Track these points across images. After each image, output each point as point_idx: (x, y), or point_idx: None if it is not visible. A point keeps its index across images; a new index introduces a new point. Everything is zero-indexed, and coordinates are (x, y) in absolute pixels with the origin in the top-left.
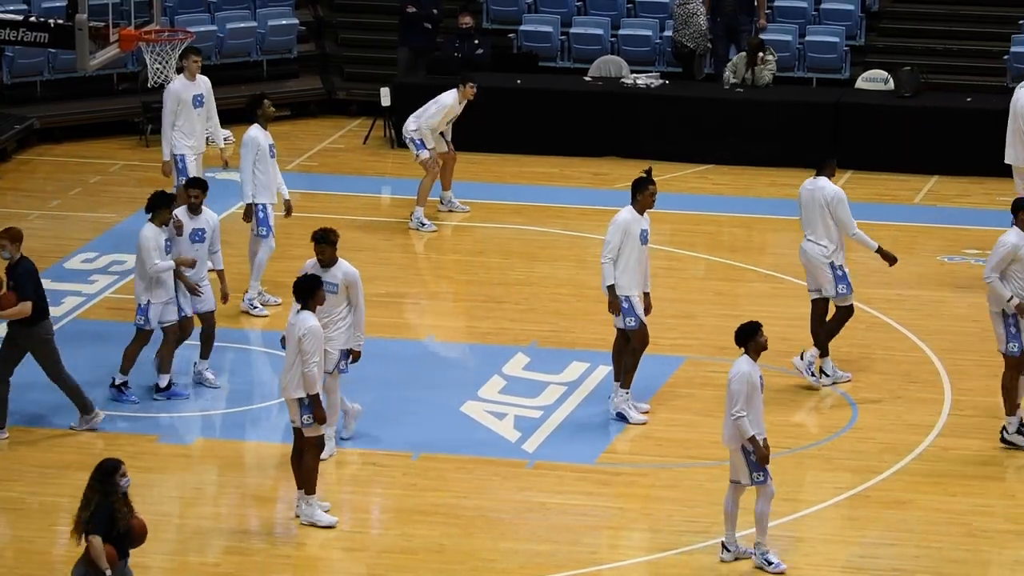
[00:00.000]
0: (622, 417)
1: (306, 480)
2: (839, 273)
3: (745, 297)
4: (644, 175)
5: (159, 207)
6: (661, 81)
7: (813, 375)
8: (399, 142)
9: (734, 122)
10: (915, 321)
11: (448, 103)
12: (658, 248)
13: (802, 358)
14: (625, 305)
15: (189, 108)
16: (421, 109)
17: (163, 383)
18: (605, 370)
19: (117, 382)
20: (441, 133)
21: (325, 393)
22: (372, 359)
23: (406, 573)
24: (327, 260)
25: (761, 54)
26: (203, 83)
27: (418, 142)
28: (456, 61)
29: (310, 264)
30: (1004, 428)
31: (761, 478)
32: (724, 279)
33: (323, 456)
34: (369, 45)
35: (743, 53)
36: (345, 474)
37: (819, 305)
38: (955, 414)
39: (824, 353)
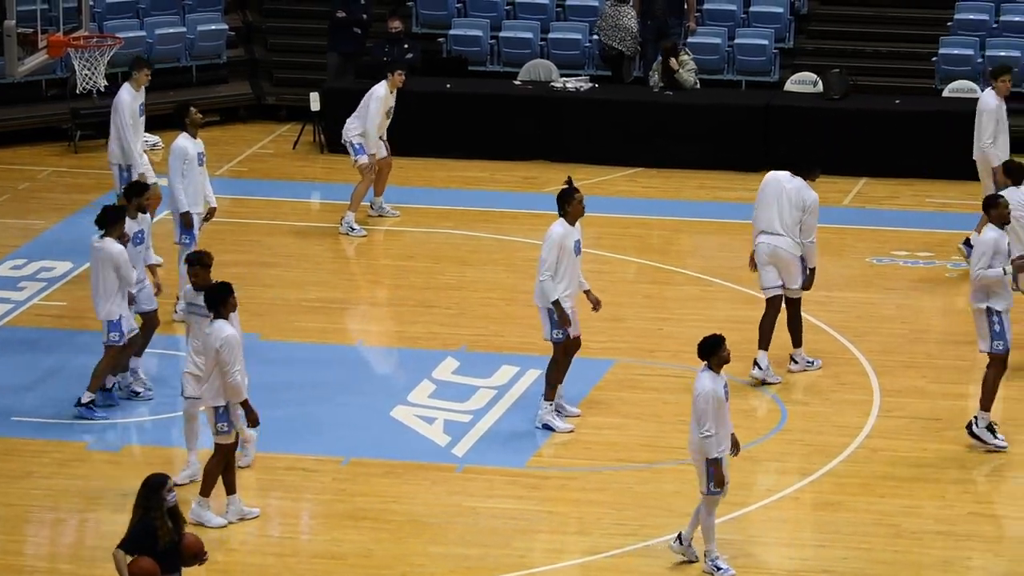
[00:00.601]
0: (548, 427)
1: (205, 483)
2: (802, 266)
3: (674, 300)
4: (567, 185)
5: (114, 222)
6: (590, 84)
7: (802, 362)
8: (329, 147)
9: (663, 125)
10: (844, 323)
11: (382, 94)
12: (587, 251)
13: (758, 366)
14: (556, 317)
15: (137, 117)
16: (359, 109)
17: (85, 399)
18: (535, 374)
19: (84, 400)
20: (381, 137)
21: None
22: (302, 364)
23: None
24: (200, 283)
25: (673, 58)
26: (143, 94)
27: (357, 146)
28: (386, 66)
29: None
30: (975, 420)
31: (716, 491)
32: (653, 282)
33: (242, 463)
34: (298, 50)
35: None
36: (274, 480)
37: (775, 303)
38: (884, 416)
39: (798, 344)
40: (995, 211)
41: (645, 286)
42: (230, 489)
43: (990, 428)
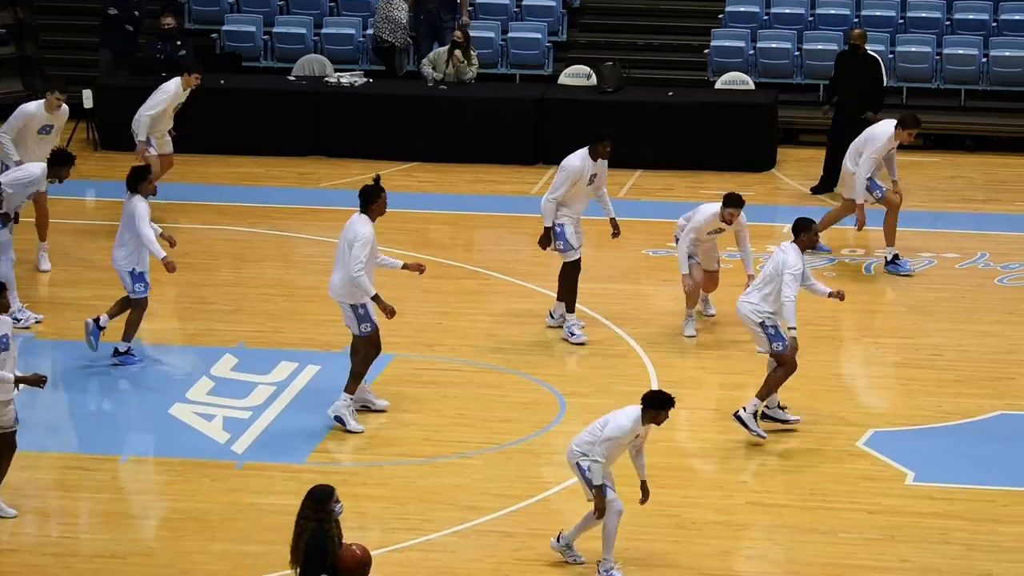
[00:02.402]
0: (340, 421)
1: None
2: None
3: (452, 294)
4: (373, 183)
5: (139, 181)
6: (365, 79)
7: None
8: (102, 144)
9: (438, 119)
10: (621, 314)
11: (171, 90)
12: None
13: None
14: (361, 311)
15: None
16: (147, 100)
17: (123, 348)
18: (314, 369)
19: (122, 350)
20: (169, 131)
21: None
22: (78, 362)
23: None
24: None
25: (459, 51)
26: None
27: (136, 132)
28: (158, 62)
29: None
30: (744, 407)
31: (595, 516)
32: (431, 276)
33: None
34: (70, 47)
35: (442, 49)
36: (52, 479)
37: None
38: None
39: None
40: (805, 235)
41: (423, 280)
42: None
43: (756, 417)
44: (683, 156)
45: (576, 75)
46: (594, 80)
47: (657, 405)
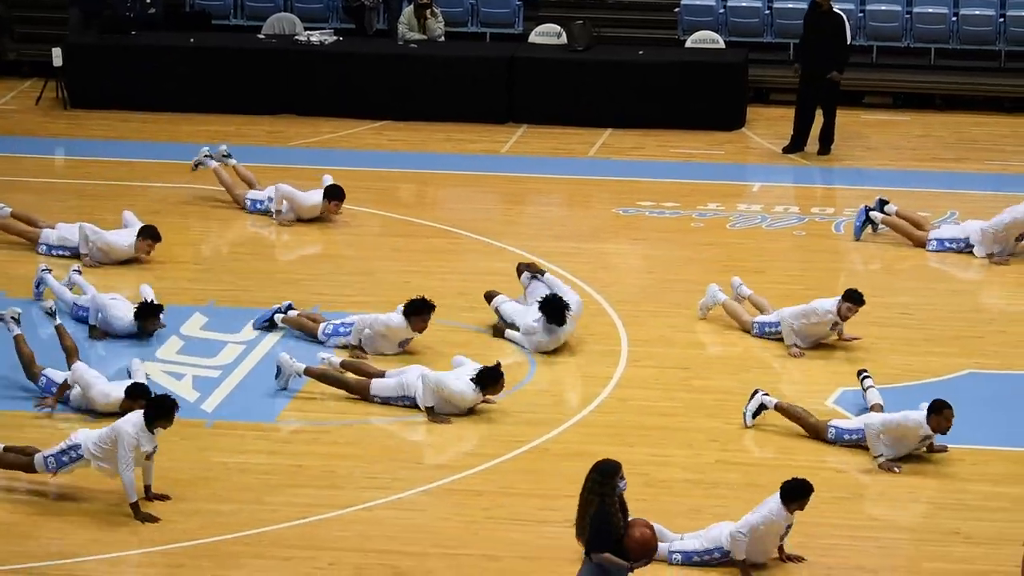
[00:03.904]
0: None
1: None
2: None
3: (423, 252)
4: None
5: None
6: (335, 38)
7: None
8: (72, 102)
9: (409, 78)
10: (591, 273)
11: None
12: None
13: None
14: None
15: None
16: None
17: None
18: (283, 328)
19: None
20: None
21: None
22: (47, 321)
23: (82, 537)
24: None
25: (429, 9)
26: None
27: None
28: (128, 21)
29: None
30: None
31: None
32: (401, 235)
33: None
34: (39, 5)
35: (409, 8)
36: (14, 437)
37: None
38: (632, 365)
39: None
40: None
41: (393, 239)
42: None
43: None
44: (653, 115)
45: (546, 34)
46: (564, 39)
47: (800, 496)
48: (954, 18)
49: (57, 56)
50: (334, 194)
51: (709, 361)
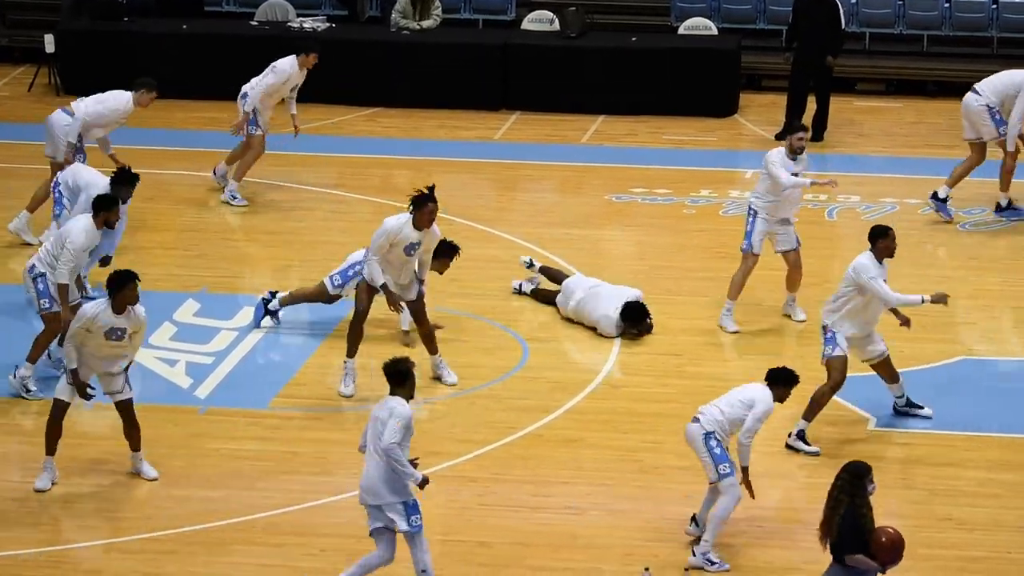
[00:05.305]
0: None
1: None
2: None
3: None
4: (427, 192)
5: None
6: (327, 24)
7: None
8: (64, 89)
9: (402, 64)
10: (584, 260)
11: (286, 70)
12: (327, 192)
13: None
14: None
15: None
16: (258, 77)
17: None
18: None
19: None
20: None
21: None
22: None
23: (73, 523)
24: None
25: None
26: None
27: (252, 119)
28: (120, 7)
29: None
30: (791, 433)
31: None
32: None
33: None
34: None
35: None
36: (11, 424)
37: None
38: (625, 352)
39: None
40: (883, 242)
41: None
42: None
43: (802, 437)
44: (646, 101)
45: (539, 20)
46: (557, 25)
47: (785, 382)
48: (947, 4)
49: (49, 42)
50: (310, 48)
51: (702, 348)
